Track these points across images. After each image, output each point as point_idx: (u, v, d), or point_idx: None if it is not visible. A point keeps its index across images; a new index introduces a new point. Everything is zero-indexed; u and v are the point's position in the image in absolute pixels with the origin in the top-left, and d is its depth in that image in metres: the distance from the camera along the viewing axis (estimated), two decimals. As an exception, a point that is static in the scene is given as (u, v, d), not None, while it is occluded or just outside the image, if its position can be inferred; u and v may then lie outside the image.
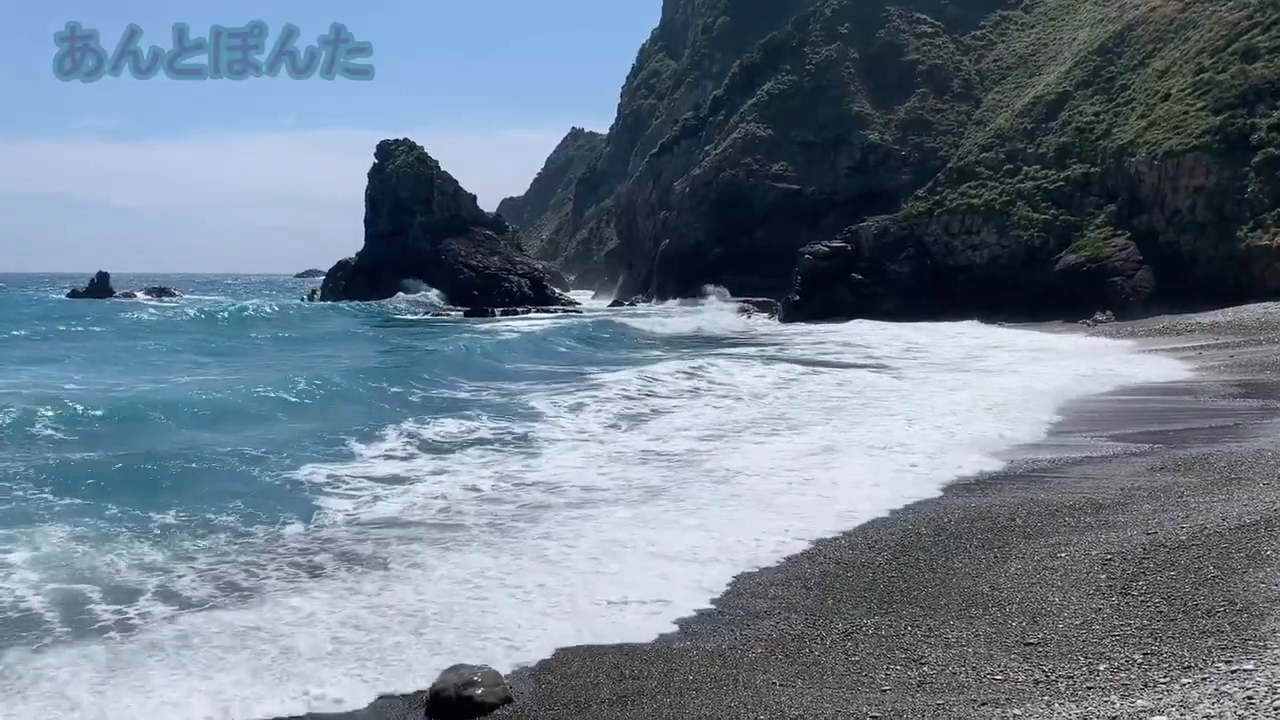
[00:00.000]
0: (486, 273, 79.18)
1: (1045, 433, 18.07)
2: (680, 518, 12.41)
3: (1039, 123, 60.97)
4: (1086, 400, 22.37)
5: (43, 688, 7.54)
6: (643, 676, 7.74)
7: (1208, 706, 5.61)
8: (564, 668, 7.99)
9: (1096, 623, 8.20)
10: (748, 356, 34.03)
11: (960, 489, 13.68)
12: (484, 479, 14.88)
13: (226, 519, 12.49)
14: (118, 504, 12.75)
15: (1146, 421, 18.76)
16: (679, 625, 8.87)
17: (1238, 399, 21.49)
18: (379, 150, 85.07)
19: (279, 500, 13.53)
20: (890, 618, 8.74)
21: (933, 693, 7.07)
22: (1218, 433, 17.03)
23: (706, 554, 10.79)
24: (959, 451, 16.16)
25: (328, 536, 11.91)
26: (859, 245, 59.53)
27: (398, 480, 15.01)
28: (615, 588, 9.73)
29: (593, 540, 11.34)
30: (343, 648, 8.29)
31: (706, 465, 15.77)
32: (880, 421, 19.56)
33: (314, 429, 19.00)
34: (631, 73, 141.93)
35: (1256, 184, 45.90)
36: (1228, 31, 52.26)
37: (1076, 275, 51.42)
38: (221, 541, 11.58)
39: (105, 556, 10.76)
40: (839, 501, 13.10)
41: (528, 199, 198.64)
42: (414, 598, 9.48)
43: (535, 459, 16.61)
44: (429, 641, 8.44)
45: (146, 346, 39.64)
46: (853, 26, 76.97)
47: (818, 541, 11.27)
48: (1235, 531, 10.27)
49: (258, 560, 10.83)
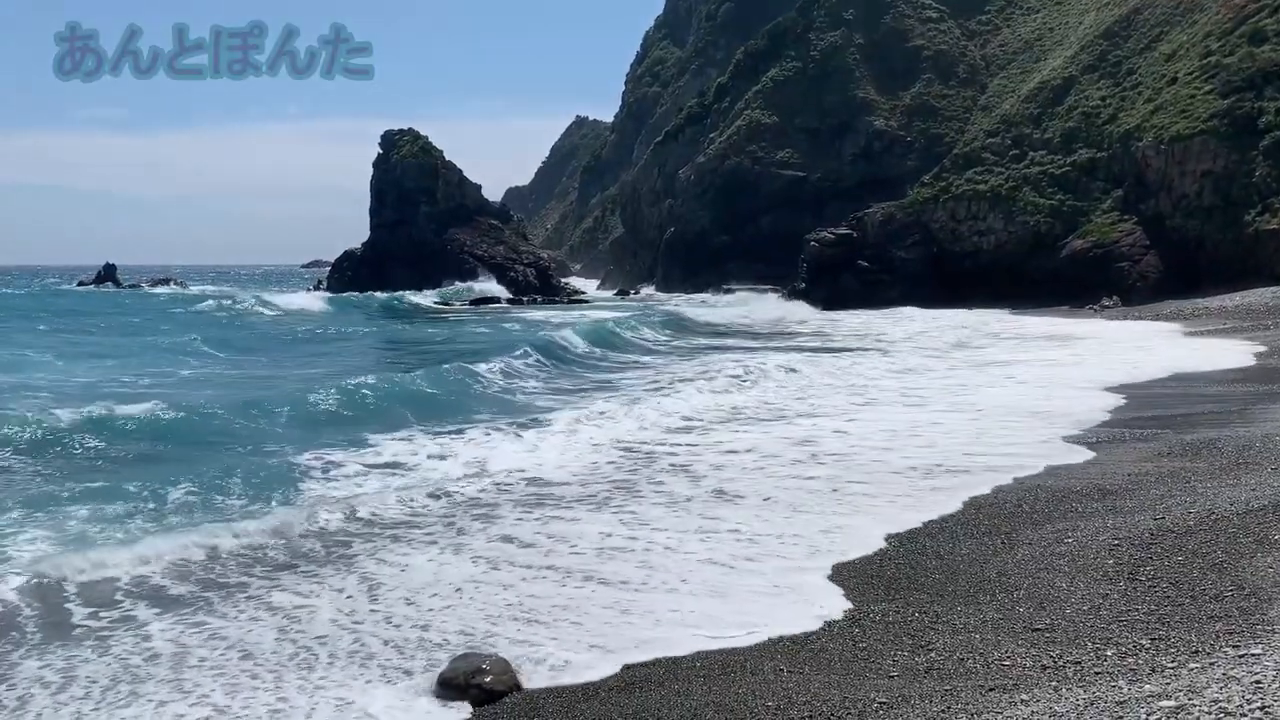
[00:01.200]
0: (492, 262, 79.14)
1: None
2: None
3: (1045, 108, 60.71)
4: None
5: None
6: (650, 664, 7.75)
7: (1215, 691, 5.61)
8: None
9: (1104, 608, 8.20)
10: (832, 350, 33.95)
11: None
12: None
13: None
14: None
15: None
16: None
17: (1236, 383, 21.45)
18: (383, 140, 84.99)
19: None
20: (897, 604, 8.75)
21: (940, 679, 7.08)
22: (1225, 417, 16.97)
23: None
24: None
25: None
26: (865, 232, 59.39)
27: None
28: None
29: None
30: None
31: (674, 461, 15.81)
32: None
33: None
34: (636, 60, 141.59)
35: (1264, 168, 45.68)
36: (1234, 14, 51.93)
37: (1083, 261, 51.27)
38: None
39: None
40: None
41: (532, 188, 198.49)
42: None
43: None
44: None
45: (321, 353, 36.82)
46: (857, 12, 76.63)
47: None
48: (1243, 516, 10.25)
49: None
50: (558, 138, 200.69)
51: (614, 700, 7.15)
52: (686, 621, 8.50)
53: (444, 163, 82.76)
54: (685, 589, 9.31)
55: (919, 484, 13.17)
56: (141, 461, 15.45)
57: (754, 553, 10.35)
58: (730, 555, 10.28)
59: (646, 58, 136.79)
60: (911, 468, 14.12)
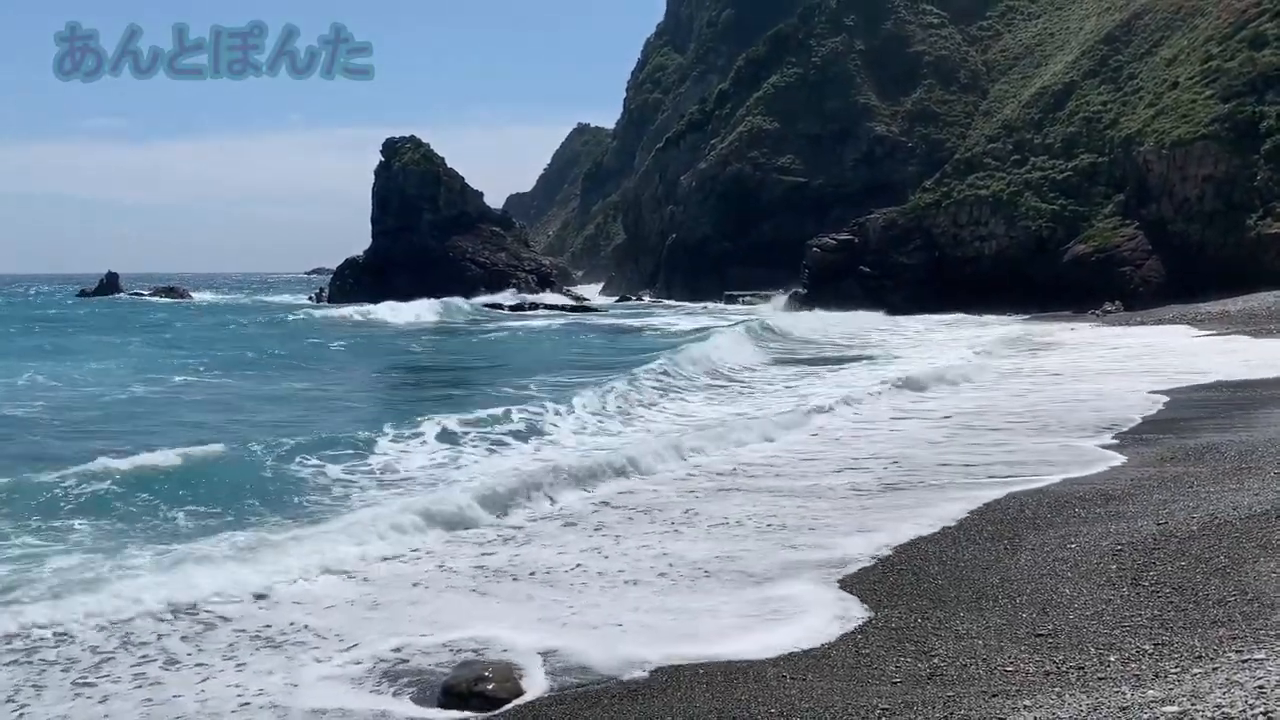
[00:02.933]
0: (494, 269, 79.32)
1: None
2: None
3: (1046, 113, 60.80)
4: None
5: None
6: (653, 671, 7.75)
7: (1219, 696, 5.60)
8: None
9: (1107, 613, 8.18)
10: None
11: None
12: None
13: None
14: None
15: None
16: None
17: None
18: (385, 147, 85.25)
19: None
20: (900, 610, 8.74)
21: (943, 684, 7.07)
22: (1228, 422, 16.95)
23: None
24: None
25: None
26: (866, 237, 59.45)
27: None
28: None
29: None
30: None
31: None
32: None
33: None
34: (637, 67, 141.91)
35: (1266, 172, 45.71)
36: (1235, 19, 52.01)
37: (1085, 265, 51.30)
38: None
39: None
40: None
41: (534, 195, 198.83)
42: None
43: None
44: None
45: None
46: (858, 18, 76.81)
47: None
48: (1246, 521, 10.23)
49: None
50: (559, 144, 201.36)
51: (616, 707, 7.15)
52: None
53: (446, 170, 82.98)
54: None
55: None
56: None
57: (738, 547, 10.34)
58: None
59: (648, 64, 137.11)
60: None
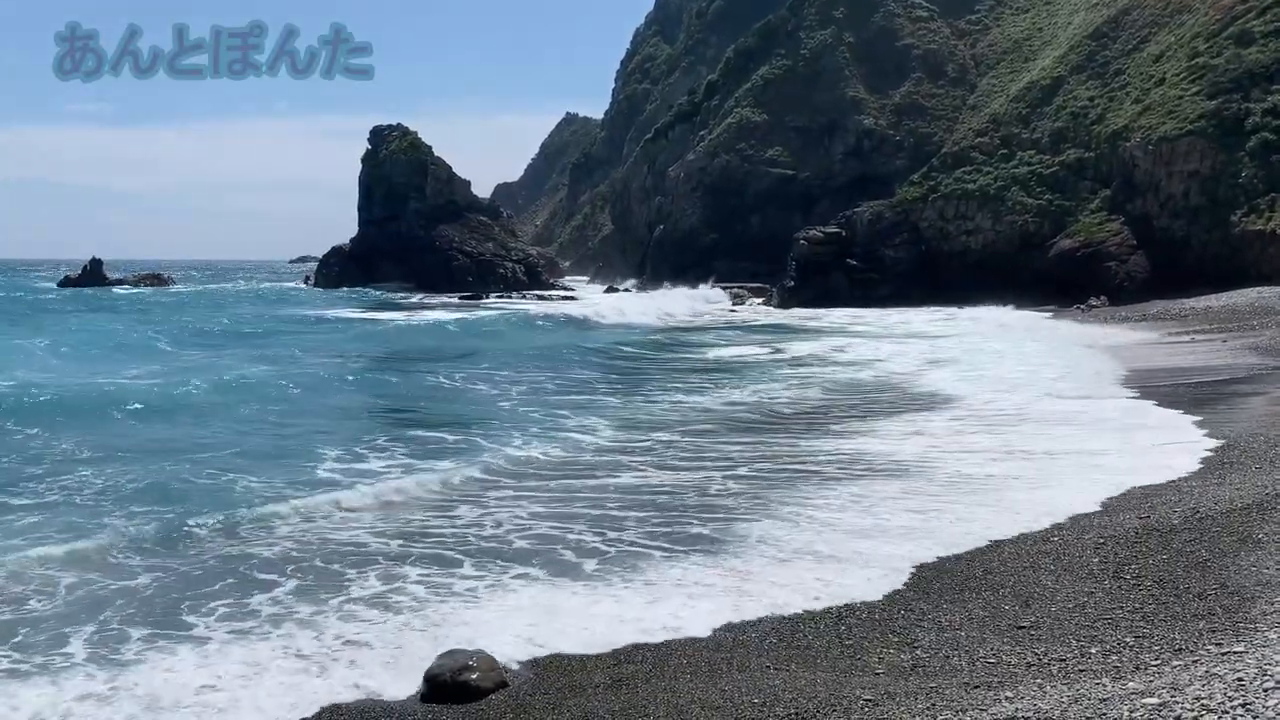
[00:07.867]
0: (481, 259, 79.04)
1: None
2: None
3: (1033, 108, 60.87)
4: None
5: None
6: (637, 661, 7.76)
7: (1198, 688, 5.64)
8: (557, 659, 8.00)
9: (1089, 606, 8.24)
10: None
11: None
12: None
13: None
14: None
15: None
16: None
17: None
18: (372, 136, 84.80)
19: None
20: (883, 601, 8.77)
21: (925, 676, 7.10)
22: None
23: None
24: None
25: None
26: (854, 231, 59.45)
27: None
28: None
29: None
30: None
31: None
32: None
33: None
34: (626, 57, 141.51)
35: (1250, 169, 45.89)
36: (1222, 16, 52.15)
37: (1071, 260, 51.43)
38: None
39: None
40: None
41: (522, 184, 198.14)
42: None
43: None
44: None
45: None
46: (847, 11, 76.68)
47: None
48: (1227, 515, 10.31)
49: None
50: (548, 134, 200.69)
51: (600, 697, 7.16)
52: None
53: (433, 159, 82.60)
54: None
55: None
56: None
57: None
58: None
59: (637, 55, 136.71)
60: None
